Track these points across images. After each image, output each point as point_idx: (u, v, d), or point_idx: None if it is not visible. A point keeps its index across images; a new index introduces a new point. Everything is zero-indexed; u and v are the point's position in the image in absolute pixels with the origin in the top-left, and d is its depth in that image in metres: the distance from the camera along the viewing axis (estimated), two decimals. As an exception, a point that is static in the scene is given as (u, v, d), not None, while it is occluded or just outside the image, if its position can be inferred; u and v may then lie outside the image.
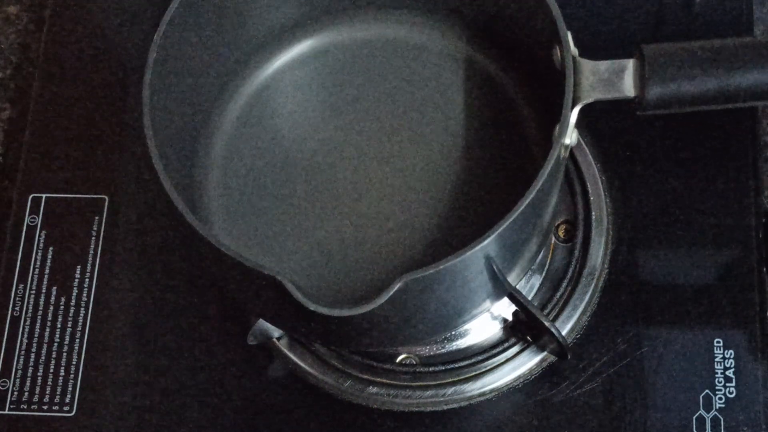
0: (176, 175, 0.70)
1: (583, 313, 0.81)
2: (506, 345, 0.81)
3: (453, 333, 0.81)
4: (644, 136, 0.85)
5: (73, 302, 0.84)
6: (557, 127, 0.67)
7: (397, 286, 0.63)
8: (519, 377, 0.81)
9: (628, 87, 0.68)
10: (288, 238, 0.76)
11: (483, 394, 0.80)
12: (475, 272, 0.68)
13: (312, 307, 0.63)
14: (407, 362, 0.81)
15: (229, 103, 0.80)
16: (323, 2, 0.80)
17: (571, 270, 0.82)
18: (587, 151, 0.84)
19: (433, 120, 0.78)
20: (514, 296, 0.76)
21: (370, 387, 0.80)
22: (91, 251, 0.86)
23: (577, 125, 0.68)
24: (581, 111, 0.68)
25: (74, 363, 0.83)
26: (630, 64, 0.69)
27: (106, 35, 0.92)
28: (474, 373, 0.80)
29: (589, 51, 0.70)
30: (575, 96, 0.67)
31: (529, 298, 0.80)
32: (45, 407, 0.82)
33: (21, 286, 0.85)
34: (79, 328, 0.84)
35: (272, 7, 0.78)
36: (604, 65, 0.69)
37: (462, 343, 0.81)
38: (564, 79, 0.67)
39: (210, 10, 0.74)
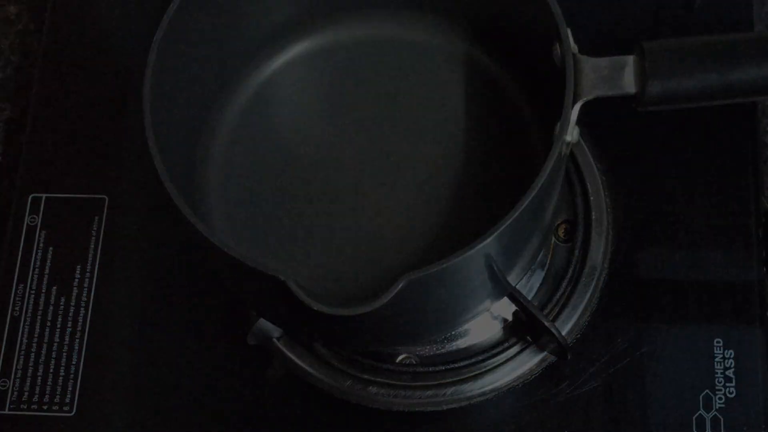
0: (176, 175, 0.69)
1: (583, 313, 0.81)
2: (506, 345, 0.81)
3: (453, 333, 0.81)
4: (644, 136, 0.85)
5: (73, 302, 0.84)
6: (558, 125, 0.67)
7: (400, 285, 0.63)
8: (519, 377, 0.81)
9: (628, 83, 0.68)
10: (288, 237, 0.76)
11: (483, 394, 0.80)
12: (475, 272, 0.68)
13: (315, 306, 0.63)
14: (407, 362, 0.81)
15: (229, 103, 0.80)
16: (323, 2, 0.80)
17: (571, 270, 0.82)
18: (587, 151, 0.84)
19: (434, 119, 0.78)
20: (514, 296, 0.76)
21: (370, 387, 0.80)
22: (91, 251, 0.85)
23: (578, 123, 0.68)
24: (582, 108, 0.68)
25: (74, 363, 0.83)
26: (630, 60, 0.69)
27: (106, 35, 0.92)
28: (474, 373, 0.80)
29: (589, 48, 0.70)
30: (576, 93, 0.67)
31: (529, 298, 0.80)
32: (45, 407, 0.82)
33: (21, 286, 0.85)
34: (79, 328, 0.83)
35: (272, 7, 0.78)
36: (604, 62, 0.69)
37: (462, 343, 0.81)
38: (564, 76, 0.67)
39: (210, 10, 0.74)
